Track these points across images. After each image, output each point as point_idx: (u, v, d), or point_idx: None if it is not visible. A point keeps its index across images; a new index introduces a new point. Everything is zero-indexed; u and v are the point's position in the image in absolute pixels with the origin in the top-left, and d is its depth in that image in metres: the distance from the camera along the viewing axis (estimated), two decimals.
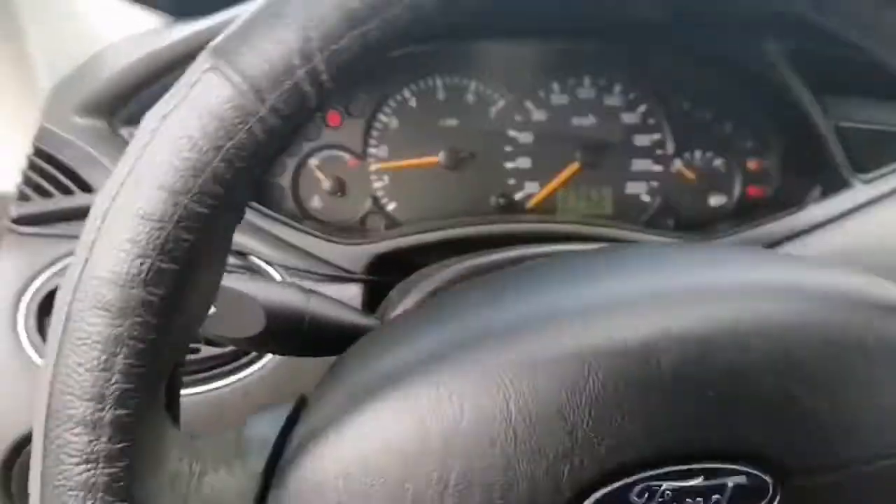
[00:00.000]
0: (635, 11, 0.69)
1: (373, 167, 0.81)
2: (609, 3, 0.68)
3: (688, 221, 0.81)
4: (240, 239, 0.70)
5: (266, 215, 0.74)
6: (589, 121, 0.80)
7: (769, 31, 0.69)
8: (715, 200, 0.81)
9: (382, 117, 0.80)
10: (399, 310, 0.53)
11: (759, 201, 0.80)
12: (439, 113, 0.80)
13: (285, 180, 0.81)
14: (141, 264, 0.25)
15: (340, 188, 0.80)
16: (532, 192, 0.81)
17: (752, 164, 0.80)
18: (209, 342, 0.66)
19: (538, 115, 0.80)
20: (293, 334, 0.51)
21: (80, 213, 0.71)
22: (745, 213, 0.79)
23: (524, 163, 0.81)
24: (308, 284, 0.71)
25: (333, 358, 0.41)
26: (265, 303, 0.51)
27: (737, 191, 0.81)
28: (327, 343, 0.54)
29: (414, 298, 0.53)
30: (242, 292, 0.51)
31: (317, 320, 0.52)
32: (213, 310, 0.51)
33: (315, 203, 0.81)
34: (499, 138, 0.80)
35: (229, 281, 0.51)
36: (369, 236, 0.78)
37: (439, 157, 0.80)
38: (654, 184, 0.81)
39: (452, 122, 0.80)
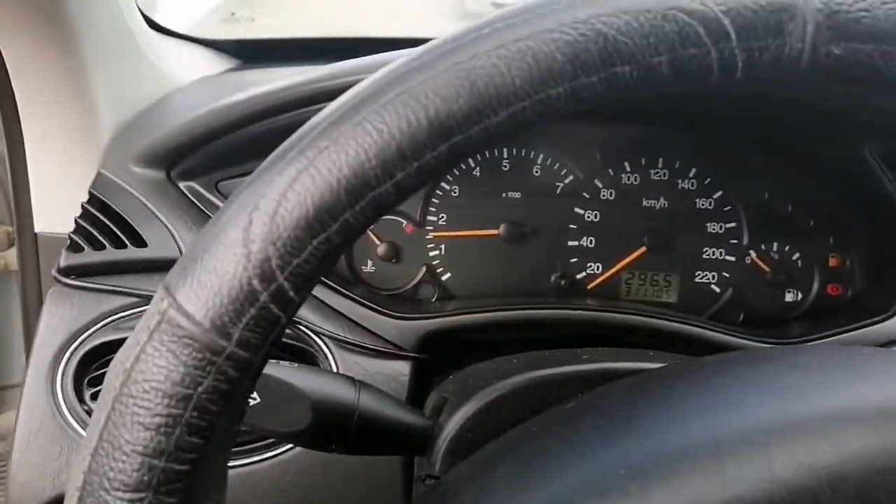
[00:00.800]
0: (726, 108, 0.65)
1: (430, 235, 0.78)
2: (701, 103, 0.64)
3: (758, 317, 0.76)
4: None
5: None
6: (660, 203, 0.76)
7: (863, 131, 0.65)
8: (790, 297, 0.76)
9: (444, 185, 0.77)
10: (459, 416, 0.49)
11: (838, 302, 0.75)
12: (503, 184, 0.77)
13: None
14: None
15: (395, 254, 0.77)
16: (594, 272, 0.77)
17: (833, 262, 0.75)
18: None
19: (606, 194, 0.76)
20: (340, 432, 0.48)
21: (130, 267, 0.69)
22: (823, 314, 0.74)
23: (588, 242, 0.77)
24: (357, 359, 0.68)
25: None
26: (313, 397, 0.47)
27: (815, 288, 0.75)
28: (374, 442, 0.50)
29: (474, 406, 0.49)
30: (290, 384, 0.48)
31: (366, 418, 0.49)
32: (256, 399, 0.48)
33: (368, 268, 0.78)
34: (563, 215, 0.77)
35: (277, 370, 0.48)
36: (421, 307, 0.75)
37: (500, 230, 0.76)
38: (726, 274, 0.76)
39: (516, 194, 0.77)
